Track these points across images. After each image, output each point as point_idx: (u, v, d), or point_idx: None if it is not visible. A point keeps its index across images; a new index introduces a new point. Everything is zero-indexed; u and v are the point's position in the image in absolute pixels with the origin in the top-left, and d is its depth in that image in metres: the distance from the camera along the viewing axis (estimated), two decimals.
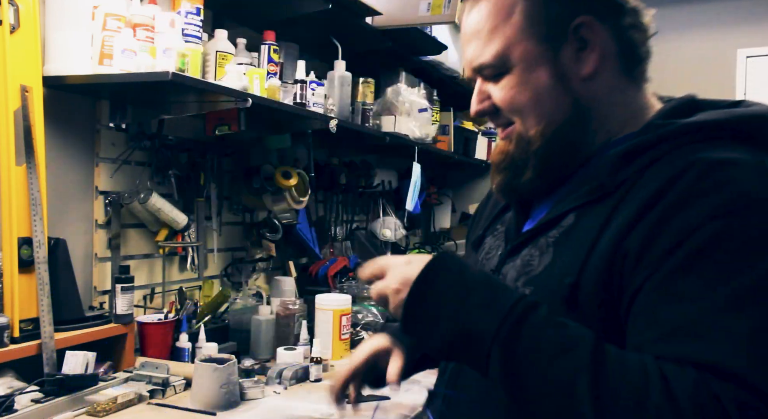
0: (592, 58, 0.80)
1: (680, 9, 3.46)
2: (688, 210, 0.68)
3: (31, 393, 1.34)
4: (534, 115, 0.82)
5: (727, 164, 0.69)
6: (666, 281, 0.67)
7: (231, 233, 2.21)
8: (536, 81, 0.81)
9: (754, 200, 0.67)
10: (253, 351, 1.94)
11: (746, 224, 0.66)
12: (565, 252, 0.77)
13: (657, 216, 0.69)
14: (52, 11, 1.53)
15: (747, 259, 0.65)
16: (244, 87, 1.66)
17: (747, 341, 0.62)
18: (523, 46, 0.81)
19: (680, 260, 0.67)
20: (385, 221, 3.03)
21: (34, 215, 1.44)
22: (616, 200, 0.74)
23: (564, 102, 0.81)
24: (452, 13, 2.31)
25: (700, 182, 0.69)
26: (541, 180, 0.84)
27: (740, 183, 0.68)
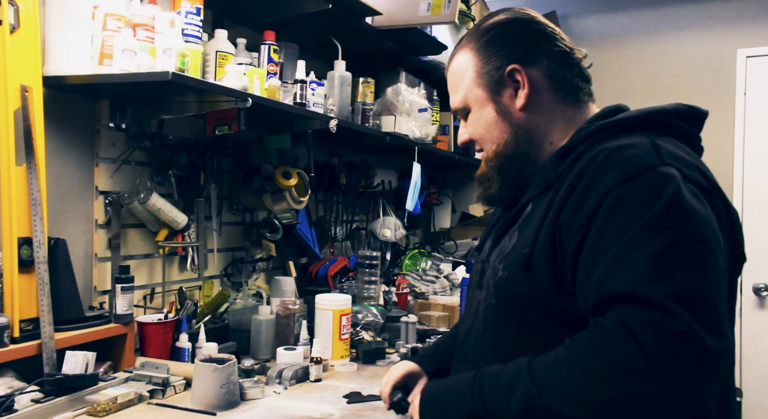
0: (523, 94, 1.07)
1: (680, 9, 3.46)
2: (597, 186, 0.89)
3: (31, 393, 1.34)
4: (488, 141, 1.12)
5: (623, 147, 0.92)
6: (591, 244, 0.88)
7: (231, 233, 2.21)
8: (486, 116, 1.10)
9: (643, 168, 0.87)
10: (253, 351, 1.94)
11: (637, 185, 0.86)
12: (525, 232, 1.00)
13: (577, 195, 0.91)
14: (52, 11, 1.53)
15: (640, 210, 0.85)
16: (244, 87, 1.66)
17: (646, 266, 0.81)
18: (474, 92, 1.11)
19: (597, 225, 0.88)
20: (385, 221, 3.03)
21: (34, 215, 1.44)
22: (556, 188, 0.98)
23: (507, 129, 1.09)
24: (452, 13, 2.31)
25: (603, 164, 0.91)
26: (505, 188, 1.10)
27: (632, 158, 0.89)
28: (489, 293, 1.04)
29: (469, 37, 1.13)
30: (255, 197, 2.14)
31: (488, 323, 1.05)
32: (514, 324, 1.00)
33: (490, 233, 1.19)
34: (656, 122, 0.99)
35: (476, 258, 1.22)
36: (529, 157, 1.08)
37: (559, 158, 1.01)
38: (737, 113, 3.30)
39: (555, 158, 1.02)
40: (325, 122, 2.00)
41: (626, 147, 0.91)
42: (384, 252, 3.03)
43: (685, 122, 1.01)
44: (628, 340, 0.79)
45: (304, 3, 2.00)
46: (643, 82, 3.51)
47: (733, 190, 3.24)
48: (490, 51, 1.09)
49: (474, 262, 1.23)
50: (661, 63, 3.50)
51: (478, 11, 3.04)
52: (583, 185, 0.91)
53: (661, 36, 3.51)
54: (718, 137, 3.29)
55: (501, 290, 1.01)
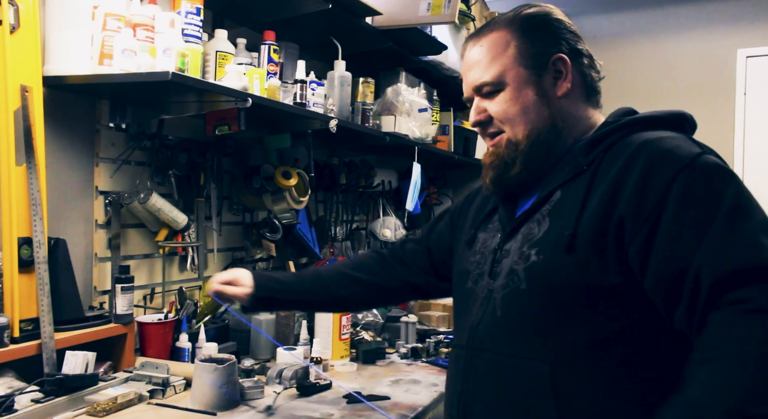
0: (565, 84, 1.09)
1: (680, 9, 3.46)
2: (656, 173, 0.93)
3: (31, 393, 1.34)
4: (521, 123, 1.09)
5: (665, 138, 0.98)
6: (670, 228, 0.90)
7: (231, 233, 2.21)
8: (525, 98, 1.09)
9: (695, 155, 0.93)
10: (253, 351, 1.94)
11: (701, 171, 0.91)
12: (560, 217, 1.01)
13: (635, 183, 0.94)
14: (52, 11, 1.53)
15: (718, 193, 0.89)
16: (244, 87, 1.66)
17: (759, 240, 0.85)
18: (515, 71, 1.09)
19: (671, 209, 0.90)
20: (385, 221, 3.03)
21: (34, 215, 1.44)
22: (590, 174, 1.01)
23: (544, 114, 1.09)
24: (452, 12, 2.31)
25: (654, 152, 0.95)
26: (526, 173, 1.09)
27: (680, 147, 0.95)
28: (514, 278, 1.03)
29: (506, 21, 1.12)
30: (255, 197, 2.14)
31: (512, 309, 1.03)
32: (549, 308, 0.99)
33: (482, 226, 1.19)
34: (675, 123, 1.05)
35: (465, 253, 1.19)
36: (555, 146, 1.09)
37: (589, 146, 1.04)
38: (737, 113, 3.30)
39: (585, 146, 1.05)
40: (325, 122, 2.00)
41: (668, 138, 0.97)
42: None
43: (689, 127, 1.08)
44: None
45: (304, 3, 2.00)
46: (643, 82, 3.51)
47: None
48: (536, 35, 1.09)
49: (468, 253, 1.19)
50: (662, 63, 3.50)
51: (478, 11, 3.04)
52: (638, 172, 0.94)
53: (662, 36, 3.51)
54: (718, 137, 3.29)
55: (535, 274, 1.00)
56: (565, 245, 0.97)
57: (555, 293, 0.98)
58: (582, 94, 1.11)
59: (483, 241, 1.16)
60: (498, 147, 1.12)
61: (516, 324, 1.02)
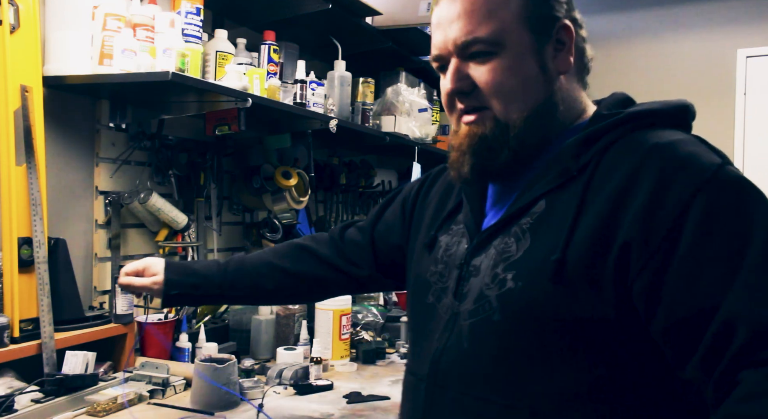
0: (568, 58, 0.89)
1: (680, 9, 3.46)
2: (671, 191, 0.75)
3: (31, 393, 1.34)
4: (519, 100, 0.87)
5: (677, 143, 0.79)
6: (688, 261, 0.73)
7: (231, 233, 2.21)
8: (526, 69, 0.86)
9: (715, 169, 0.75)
10: (253, 351, 1.94)
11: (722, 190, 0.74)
12: (545, 235, 0.82)
13: (643, 202, 0.76)
14: (52, 11, 1.53)
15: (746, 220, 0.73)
16: (244, 87, 1.66)
17: None
18: (518, 33, 0.86)
19: (690, 238, 0.73)
20: None
21: (34, 215, 1.44)
22: (583, 182, 0.81)
23: (544, 92, 0.88)
24: None
25: (666, 163, 0.77)
26: (515, 162, 0.88)
27: (697, 157, 0.77)
28: (485, 306, 0.84)
29: None
30: (255, 197, 2.14)
31: (484, 342, 0.84)
32: (528, 345, 0.81)
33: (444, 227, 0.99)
34: (679, 117, 0.87)
35: (425, 258, 0.99)
36: (549, 132, 0.89)
37: (582, 146, 0.84)
38: (737, 113, 3.30)
39: (576, 145, 0.84)
40: (325, 122, 2.00)
41: (681, 142, 0.79)
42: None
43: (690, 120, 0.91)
44: None
45: (304, 3, 2.00)
46: (643, 82, 3.52)
47: None
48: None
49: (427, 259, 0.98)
50: (661, 63, 3.50)
51: None
52: (648, 187, 0.76)
53: (662, 36, 3.51)
54: (718, 137, 3.28)
55: (511, 304, 0.81)
56: (550, 272, 0.78)
57: (535, 329, 0.80)
58: (576, 72, 0.92)
59: (446, 247, 0.95)
60: (480, 126, 0.88)
61: (487, 361, 0.83)
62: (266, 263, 1.26)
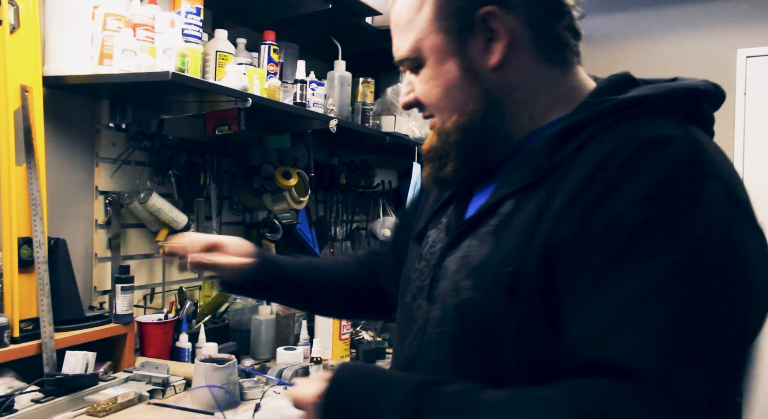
0: (499, 48, 0.78)
1: (680, 9, 3.46)
2: (616, 196, 0.64)
3: (31, 393, 1.34)
4: (447, 108, 0.82)
5: (658, 141, 0.66)
6: (594, 277, 0.64)
7: (231, 233, 2.21)
8: (446, 74, 0.80)
9: (683, 178, 0.63)
10: (253, 351, 1.94)
11: (674, 205, 0.63)
12: (505, 240, 0.73)
13: (587, 203, 0.66)
14: (52, 11, 1.53)
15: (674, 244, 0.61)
16: (244, 87, 1.66)
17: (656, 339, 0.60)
18: (432, 38, 0.80)
19: (607, 253, 0.64)
20: (385, 221, 3.03)
21: (34, 215, 1.44)
22: (553, 183, 0.71)
23: (475, 93, 0.80)
24: None
25: (628, 164, 0.66)
26: (465, 170, 0.82)
27: (671, 160, 0.65)
28: (446, 315, 0.77)
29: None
30: (255, 197, 2.14)
31: (447, 354, 0.77)
32: (484, 361, 0.73)
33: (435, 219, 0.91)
34: (686, 106, 0.74)
35: (415, 251, 0.92)
36: (502, 132, 0.80)
37: (558, 141, 0.74)
38: (737, 113, 3.30)
39: (552, 141, 0.74)
40: (325, 122, 2.00)
41: (663, 141, 0.66)
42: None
43: (711, 105, 0.77)
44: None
45: (304, 3, 2.00)
46: None
47: None
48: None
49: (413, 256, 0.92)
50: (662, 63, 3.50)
51: None
52: (597, 188, 0.66)
53: (662, 36, 3.51)
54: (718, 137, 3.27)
55: (467, 315, 0.75)
56: (505, 287, 0.70)
57: (490, 343, 0.72)
58: (537, 55, 0.79)
59: (432, 242, 0.88)
60: (433, 134, 0.86)
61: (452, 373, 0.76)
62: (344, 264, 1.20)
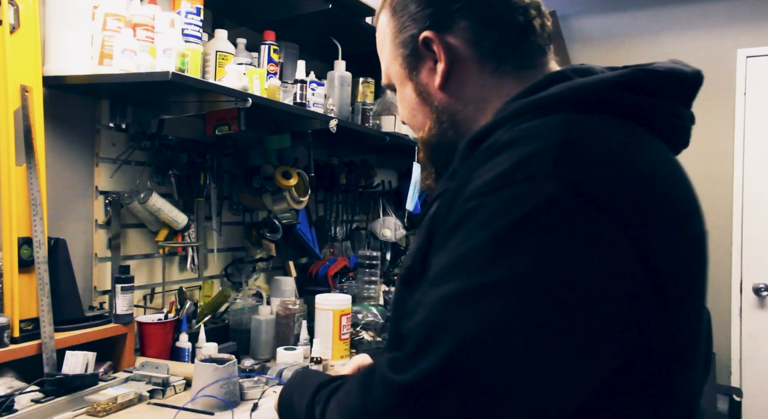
0: (440, 70, 0.82)
1: (680, 9, 3.46)
2: (467, 189, 0.65)
3: (31, 393, 1.34)
4: (415, 127, 0.91)
5: (513, 142, 0.65)
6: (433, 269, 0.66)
7: (231, 233, 2.21)
8: (408, 98, 0.89)
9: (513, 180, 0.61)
10: (253, 351, 1.94)
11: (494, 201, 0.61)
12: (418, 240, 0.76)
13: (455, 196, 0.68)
14: (52, 11, 1.53)
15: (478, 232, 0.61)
16: (244, 87, 1.66)
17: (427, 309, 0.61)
18: (394, 67, 0.89)
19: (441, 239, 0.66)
20: (385, 221, 3.03)
21: (34, 215, 1.44)
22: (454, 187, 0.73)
23: (429, 113, 0.87)
24: None
25: (487, 163, 0.66)
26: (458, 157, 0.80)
27: (509, 162, 0.63)
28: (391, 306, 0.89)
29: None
30: (255, 197, 2.14)
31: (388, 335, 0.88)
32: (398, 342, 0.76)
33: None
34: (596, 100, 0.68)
35: None
36: (458, 144, 0.82)
37: (468, 148, 0.75)
38: (737, 113, 3.30)
39: (465, 147, 0.75)
40: (325, 122, 2.00)
41: (519, 141, 0.65)
42: (384, 252, 3.03)
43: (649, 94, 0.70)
44: None
45: (304, 3, 2.00)
46: None
47: (733, 190, 3.24)
48: (404, 12, 0.84)
49: None
50: None
51: None
52: (456, 187, 0.69)
53: (661, 36, 3.51)
54: (718, 137, 3.29)
55: (393, 304, 0.82)
56: (402, 277, 0.76)
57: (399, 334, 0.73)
58: (483, 68, 0.81)
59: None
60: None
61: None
62: None
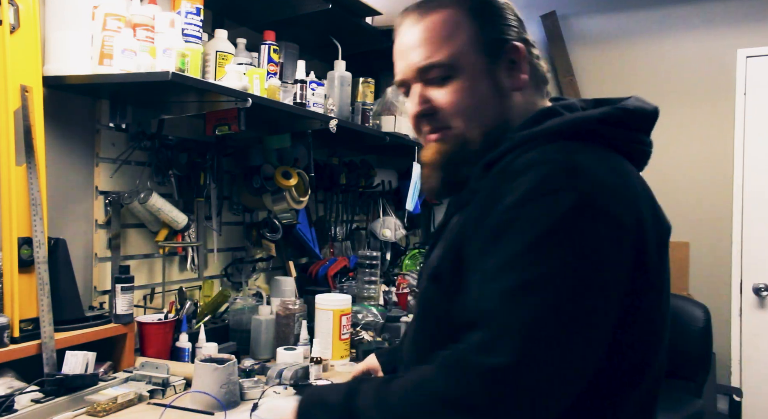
0: (522, 76, 0.96)
1: (680, 9, 3.46)
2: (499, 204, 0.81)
3: (31, 393, 1.34)
4: (476, 119, 0.95)
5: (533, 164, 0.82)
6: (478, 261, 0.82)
7: (231, 233, 2.21)
8: (481, 90, 0.94)
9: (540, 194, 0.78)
10: (253, 351, 1.94)
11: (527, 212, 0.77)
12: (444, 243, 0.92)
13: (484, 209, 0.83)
14: (52, 11, 1.53)
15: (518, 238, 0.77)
16: (244, 87, 1.66)
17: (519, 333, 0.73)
18: (471, 57, 0.94)
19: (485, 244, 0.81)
20: (385, 221, 3.03)
21: (34, 215, 1.44)
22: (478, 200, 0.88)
23: (498, 110, 0.95)
24: None
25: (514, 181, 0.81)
26: (473, 176, 0.94)
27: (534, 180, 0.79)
28: (417, 302, 1.02)
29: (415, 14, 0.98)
30: (255, 197, 2.14)
31: (413, 330, 1.01)
32: (428, 335, 0.95)
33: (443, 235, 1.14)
34: (583, 131, 0.88)
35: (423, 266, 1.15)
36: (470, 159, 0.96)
37: (484, 170, 0.91)
38: (737, 113, 3.30)
39: (480, 169, 0.92)
40: (325, 122, 2.00)
41: (536, 164, 0.81)
42: (384, 252, 3.03)
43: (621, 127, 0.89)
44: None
45: (304, 3, 2.00)
46: (643, 83, 3.51)
47: (733, 190, 3.24)
48: (487, 19, 0.96)
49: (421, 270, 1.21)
50: (661, 63, 3.50)
51: None
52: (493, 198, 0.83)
53: (661, 36, 3.51)
54: (718, 137, 3.29)
55: (419, 302, 0.98)
56: (431, 275, 0.92)
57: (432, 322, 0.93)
58: (533, 85, 0.99)
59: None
60: (444, 144, 0.98)
61: (413, 346, 1.00)
62: None
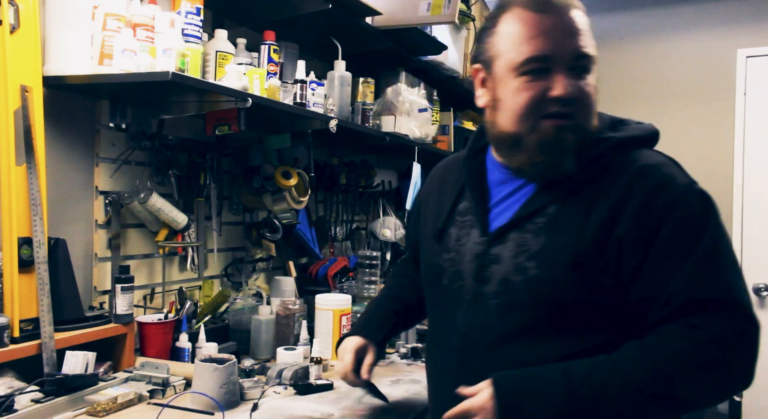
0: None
1: (680, 9, 3.46)
2: (656, 203, 1.00)
3: (31, 393, 1.34)
4: (593, 115, 1.07)
5: (660, 165, 1.04)
6: (662, 253, 0.99)
7: (231, 233, 2.21)
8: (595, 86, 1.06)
9: (686, 187, 1.02)
10: (253, 351, 1.94)
11: (692, 203, 1.01)
12: (560, 233, 1.03)
13: (637, 209, 1.00)
14: (52, 11, 1.53)
15: (702, 226, 1.00)
16: (244, 87, 1.66)
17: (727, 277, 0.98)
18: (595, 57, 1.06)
19: (665, 236, 0.99)
20: (385, 221, 3.03)
21: (34, 215, 1.44)
22: (590, 193, 1.04)
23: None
24: (452, 13, 2.31)
25: (651, 181, 1.02)
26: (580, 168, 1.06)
27: (674, 178, 1.03)
28: (511, 289, 1.05)
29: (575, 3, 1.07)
30: (255, 197, 2.14)
31: (512, 318, 1.06)
32: (551, 319, 1.03)
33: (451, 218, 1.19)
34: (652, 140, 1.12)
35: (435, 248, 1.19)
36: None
37: (588, 165, 1.05)
38: (737, 113, 3.30)
39: (585, 163, 1.05)
40: (325, 122, 2.00)
41: (663, 165, 1.04)
42: (384, 252, 3.03)
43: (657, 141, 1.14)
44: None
45: (304, 3, 2.00)
46: (643, 82, 3.52)
47: (733, 190, 3.24)
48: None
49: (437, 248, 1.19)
50: (661, 63, 3.50)
51: (478, 11, 3.04)
52: (640, 198, 1.00)
53: (661, 36, 3.51)
54: (718, 137, 3.29)
55: (538, 288, 1.03)
56: (570, 263, 1.01)
57: (559, 307, 1.02)
58: None
59: (456, 238, 1.16)
60: (565, 132, 1.03)
61: (515, 333, 1.05)
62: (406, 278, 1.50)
